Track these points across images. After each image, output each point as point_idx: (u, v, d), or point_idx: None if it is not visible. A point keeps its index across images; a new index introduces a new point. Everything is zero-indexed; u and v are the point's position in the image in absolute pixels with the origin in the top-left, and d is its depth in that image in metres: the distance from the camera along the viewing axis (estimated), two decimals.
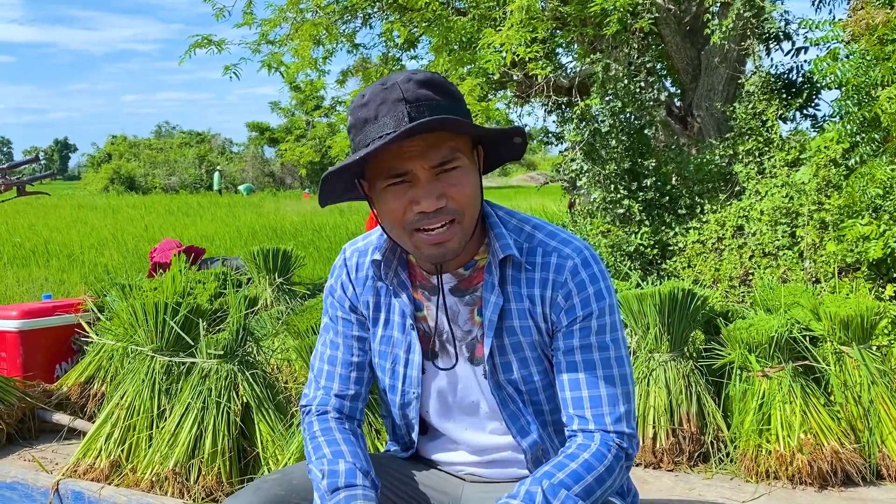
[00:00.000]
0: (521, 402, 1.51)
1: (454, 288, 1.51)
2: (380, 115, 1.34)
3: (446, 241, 1.38)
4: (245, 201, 21.91)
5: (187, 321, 2.99)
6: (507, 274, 1.46)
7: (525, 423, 1.51)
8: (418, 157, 1.34)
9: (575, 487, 1.31)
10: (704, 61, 6.58)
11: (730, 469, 2.84)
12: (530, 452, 1.53)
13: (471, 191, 1.38)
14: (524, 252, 1.46)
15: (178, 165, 35.25)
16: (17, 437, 3.32)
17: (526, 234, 1.48)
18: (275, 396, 2.90)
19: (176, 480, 2.64)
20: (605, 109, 6.08)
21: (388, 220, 1.41)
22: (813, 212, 5.07)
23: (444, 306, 1.51)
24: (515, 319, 1.46)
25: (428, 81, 1.36)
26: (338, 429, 1.55)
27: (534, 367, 1.48)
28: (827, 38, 5.24)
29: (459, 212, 1.37)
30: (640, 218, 5.92)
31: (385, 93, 1.35)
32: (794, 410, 2.70)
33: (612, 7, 5.78)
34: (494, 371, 1.49)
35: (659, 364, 2.97)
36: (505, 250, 1.44)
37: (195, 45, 7.92)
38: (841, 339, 2.85)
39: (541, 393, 1.50)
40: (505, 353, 1.48)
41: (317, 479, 1.45)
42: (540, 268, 1.44)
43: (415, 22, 7.59)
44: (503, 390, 1.50)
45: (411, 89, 1.33)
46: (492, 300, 1.45)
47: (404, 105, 1.32)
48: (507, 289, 1.46)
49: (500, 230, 1.46)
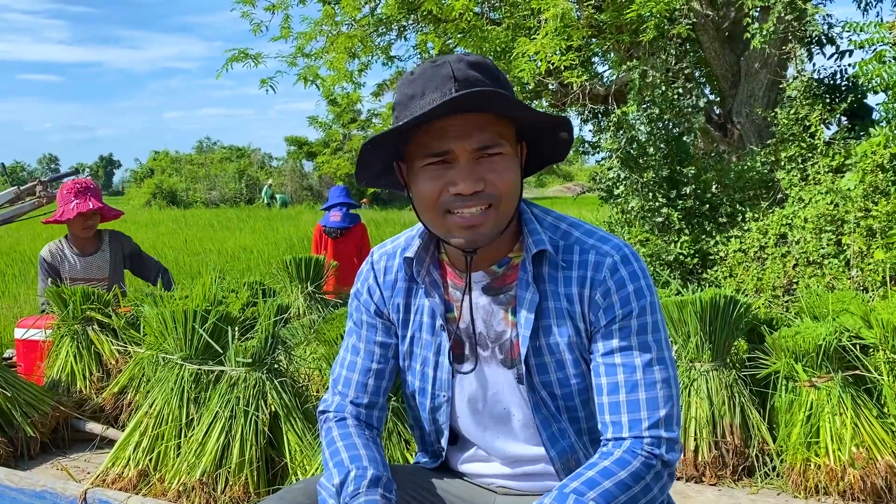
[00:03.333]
0: (556, 408, 1.43)
1: (487, 286, 1.45)
2: (427, 90, 1.31)
3: (479, 226, 1.33)
4: (283, 214, 22.12)
5: (217, 329, 2.96)
6: (542, 272, 1.40)
7: (557, 430, 1.44)
8: (461, 138, 1.30)
9: (589, 493, 1.23)
10: (744, 67, 6.45)
11: (776, 484, 2.72)
12: (559, 461, 1.45)
13: (511, 180, 1.34)
14: (560, 250, 1.40)
15: (219, 180, 35.74)
16: (51, 447, 3.32)
17: (562, 231, 1.43)
18: (303, 405, 2.86)
19: (203, 490, 2.60)
20: (642, 117, 5.98)
21: (423, 203, 1.36)
22: (859, 219, 4.91)
23: (470, 303, 1.45)
24: (553, 319, 1.40)
25: (480, 64, 1.33)
26: (357, 434, 1.51)
27: (570, 369, 1.41)
28: (872, 40, 5.09)
29: (497, 198, 1.33)
30: (679, 227, 5.80)
31: (434, 69, 1.32)
32: (844, 422, 2.58)
33: (648, 13, 5.70)
34: (529, 373, 1.42)
35: (700, 374, 2.86)
36: (539, 245, 1.38)
37: (232, 58, 8.01)
38: (894, 347, 2.72)
39: (576, 398, 1.42)
40: (541, 355, 1.41)
41: (329, 479, 1.41)
42: (578, 266, 1.38)
43: (449, 33, 7.57)
44: (537, 394, 1.42)
45: (462, 69, 1.31)
46: (527, 297, 1.39)
47: (453, 83, 1.29)
48: (544, 287, 1.40)
49: (534, 226, 1.41)
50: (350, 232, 6.00)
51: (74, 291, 3.67)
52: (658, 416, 1.32)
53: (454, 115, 1.30)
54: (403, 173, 1.43)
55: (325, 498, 1.40)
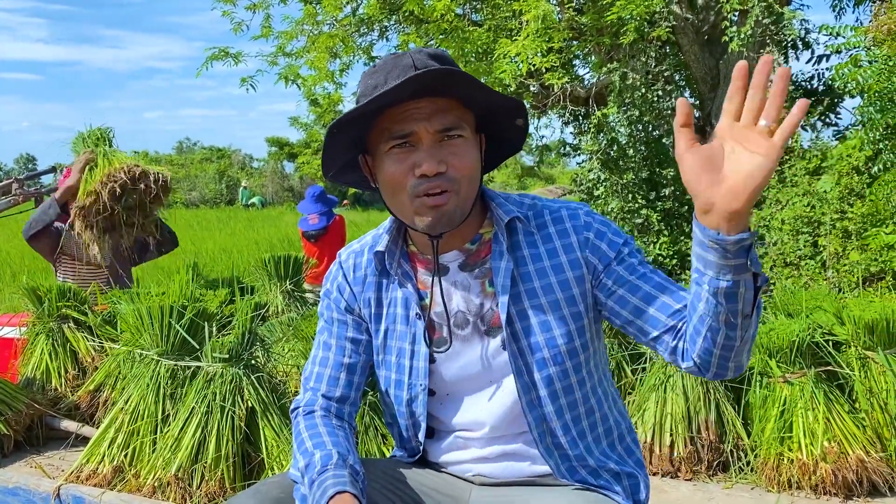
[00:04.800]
0: (539, 374, 1.43)
1: (463, 264, 1.48)
2: (389, 79, 1.35)
3: (442, 206, 1.36)
4: (263, 215, 22.01)
5: (193, 325, 2.94)
6: (518, 240, 1.46)
7: (536, 397, 1.44)
8: (424, 119, 1.34)
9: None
10: (723, 70, 6.50)
11: (750, 478, 2.74)
12: (536, 429, 1.45)
13: (471, 163, 1.38)
14: (531, 217, 1.47)
15: (199, 181, 35.49)
16: (25, 445, 3.28)
17: (527, 204, 1.50)
18: (280, 401, 2.84)
19: (178, 486, 2.58)
20: (622, 119, 6.02)
21: (389, 186, 1.40)
22: (835, 221, 4.97)
23: (440, 286, 1.47)
24: (535, 281, 1.43)
25: (439, 55, 1.39)
26: (322, 423, 1.51)
27: (557, 329, 1.42)
28: (849, 43, 5.16)
29: (457, 181, 1.37)
30: (658, 228, 5.84)
31: (395, 59, 1.37)
32: (817, 418, 2.61)
33: (629, 16, 5.73)
34: (514, 337, 1.44)
35: (676, 371, 2.88)
36: (509, 214, 1.44)
37: (212, 57, 7.97)
38: (866, 343, 2.76)
39: (565, 359, 1.43)
40: (526, 318, 1.43)
41: (295, 465, 1.42)
42: (553, 223, 1.46)
43: (431, 34, 7.57)
44: (520, 359, 1.44)
45: (421, 58, 1.36)
46: (502, 266, 1.43)
47: (413, 71, 1.33)
48: (522, 253, 1.45)
49: (500, 200, 1.47)
50: (329, 229, 6.01)
51: (50, 289, 3.63)
52: None
53: (417, 100, 1.34)
54: (369, 164, 1.46)
55: (298, 487, 1.40)
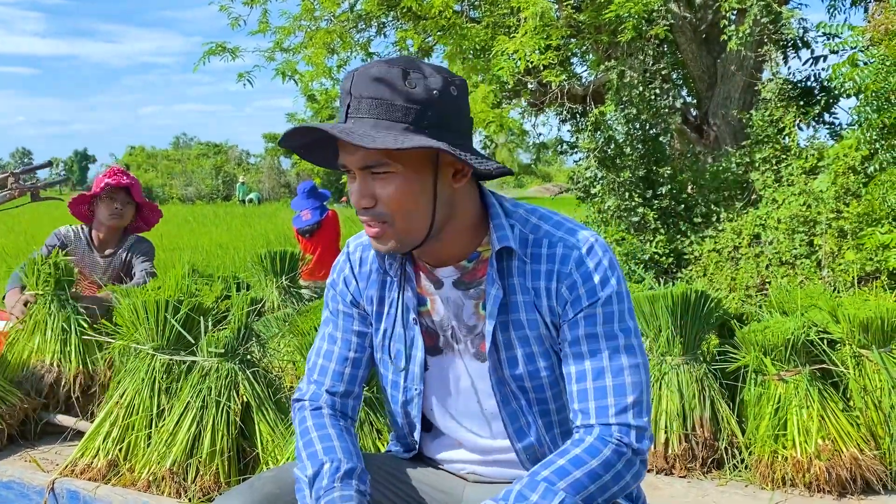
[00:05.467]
0: (525, 401, 1.43)
1: (458, 281, 1.44)
2: (342, 97, 1.33)
3: (379, 237, 1.35)
4: (259, 211, 21.98)
5: (189, 319, 2.94)
6: (510, 266, 1.40)
7: (525, 423, 1.44)
8: (351, 155, 1.31)
9: (559, 483, 1.24)
10: (721, 69, 6.51)
11: (744, 476, 2.74)
12: (524, 454, 1.46)
13: (401, 197, 1.30)
14: (529, 243, 1.40)
15: (196, 176, 35.47)
16: (19, 439, 3.27)
17: (532, 224, 1.42)
18: (276, 396, 2.84)
19: (173, 480, 2.58)
20: (619, 117, 6.02)
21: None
22: (831, 220, 4.98)
23: (437, 293, 1.45)
24: (522, 312, 1.40)
25: (383, 79, 1.28)
26: (332, 424, 1.49)
27: (541, 362, 1.40)
28: (846, 43, 5.16)
29: (388, 216, 1.32)
30: (655, 226, 5.85)
31: (349, 75, 1.32)
32: (811, 415, 2.61)
33: (626, 14, 5.73)
34: (499, 366, 1.42)
35: (671, 368, 2.88)
36: (502, 242, 1.38)
37: (209, 52, 7.97)
38: (860, 342, 2.76)
39: (548, 390, 1.43)
40: (511, 348, 1.41)
41: (303, 470, 1.40)
42: (546, 259, 1.38)
43: (429, 30, 7.57)
44: (506, 387, 1.43)
45: (361, 84, 1.29)
46: (492, 293, 1.39)
47: (349, 98, 1.30)
48: (513, 281, 1.40)
49: (499, 221, 1.40)
50: (322, 224, 6.02)
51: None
52: (625, 402, 1.32)
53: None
54: None
55: (301, 487, 1.40)
